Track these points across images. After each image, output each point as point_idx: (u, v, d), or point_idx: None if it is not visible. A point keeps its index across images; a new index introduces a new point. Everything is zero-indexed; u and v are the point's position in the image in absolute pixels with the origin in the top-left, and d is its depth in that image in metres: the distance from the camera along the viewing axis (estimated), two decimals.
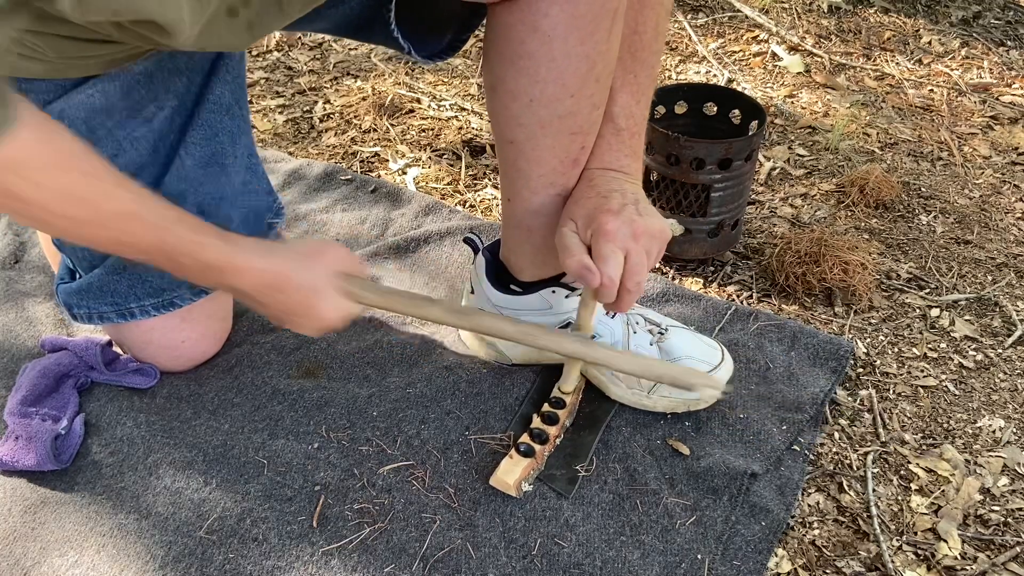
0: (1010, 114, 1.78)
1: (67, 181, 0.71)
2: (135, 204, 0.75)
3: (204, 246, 0.80)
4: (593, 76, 0.84)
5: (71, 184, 0.71)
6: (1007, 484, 1.01)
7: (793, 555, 0.92)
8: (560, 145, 0.89)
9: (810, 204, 1.50)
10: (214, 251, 0.80)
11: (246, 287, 0.83)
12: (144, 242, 0.77)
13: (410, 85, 1.88)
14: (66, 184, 0.71)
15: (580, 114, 0.87)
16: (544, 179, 0.92)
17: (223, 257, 0.81)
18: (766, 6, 2.17)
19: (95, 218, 0.73)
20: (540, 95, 0.85)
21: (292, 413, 1.04)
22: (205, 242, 0.80)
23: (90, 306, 1.04)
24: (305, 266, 0.85)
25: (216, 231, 0.82)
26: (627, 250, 0.84)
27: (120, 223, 0.75)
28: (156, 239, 0.77)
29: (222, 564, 0.87)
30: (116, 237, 0.76)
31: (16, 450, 0.97)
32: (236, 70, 1.02)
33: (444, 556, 0.89)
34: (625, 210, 0.85)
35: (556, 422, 1.00)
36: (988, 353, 1.19)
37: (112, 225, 0.75)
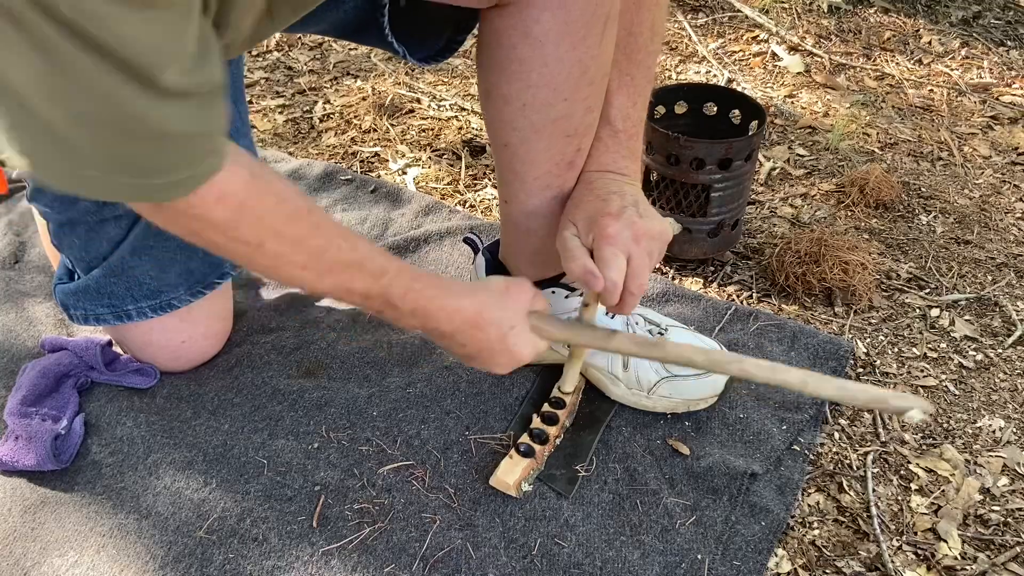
0: (1010, 114, 1.78)
1: (299, 232, 0.74)
2: (359, 254, 0.78)
3: (421, 292, 0.81)
4: (586, 80, 0.84)
5: (303, 235, 0.74)
6: (1007, 484, 1.01)
7: (793, 555, 0.92)
8: (555, 148, 0.89)
9: (810, 204, 1.50)
10: (430, 296, 0.82)
11: (452, 327, 0.84)
12: (367, 289, 0.79)
13: (410, 85, 1.88)
14: (298, 234, 0.74)
15: (574, 117, 0.87)
16: (540, 182, 0.92)
17: (435, 301, 0.83)
18: (766, 6, 2.17)
19: (323, 266, 0.76)
20: (532, 99, 0.85)
21: (292, 413, 1.04)
22: (421, 288, 0.82)
23: (87, 307, 1.04)
24: (500, 304, 0.86)
25: (425, 276, 0.84)
26: (629, 253, 0.84)
27: (347, 273, 0.78)
28: (378, 287, 0.79)
29: (222, 564, 0.87)
30: (343, 285, 0.78)
31: (16, 450, 0.97)
32: (235, 70, 1.02)
33: (444, 556, 0.89)
34: (625, 212, 0.85)
35: (556, 422, 1.00)
36: (988, 353, 1.19)
37: (340, 274, 0.77)
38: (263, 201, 0.71)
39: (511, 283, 0.89)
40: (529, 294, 0.89)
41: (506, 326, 0.85)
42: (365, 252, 0.79)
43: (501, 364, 0.89)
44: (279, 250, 0.73)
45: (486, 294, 0.86)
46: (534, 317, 0.89)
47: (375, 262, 0.79)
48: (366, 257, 0.79)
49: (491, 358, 0.88)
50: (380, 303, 0.81)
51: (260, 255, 0.73)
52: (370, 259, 0.79)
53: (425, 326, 0.85)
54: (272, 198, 0.72)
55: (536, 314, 0.89)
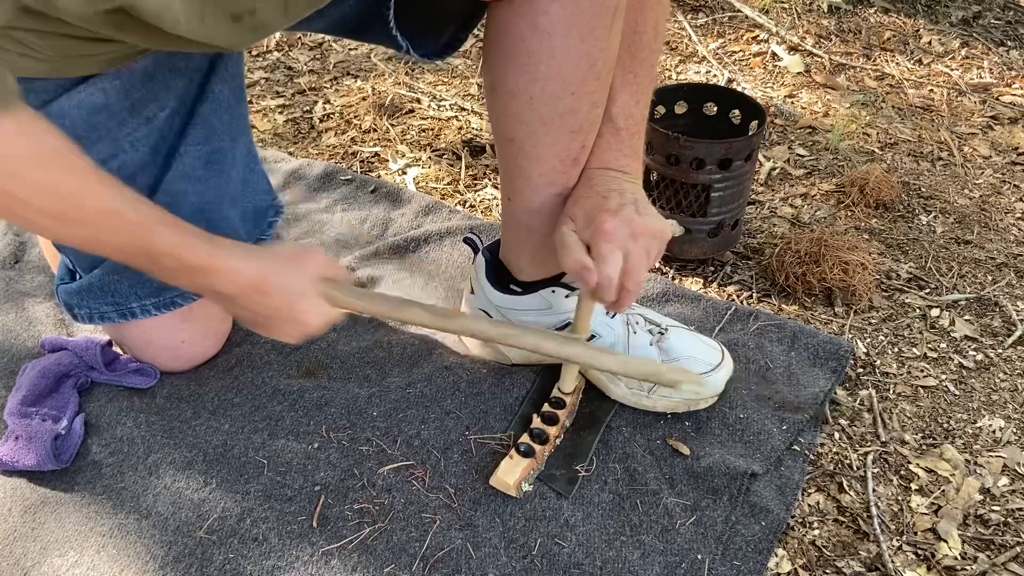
0: (1010, 114, 1.78)
1: (47, 176, 0.69)
2: (117, 202, 0.74)
3: (188, 247, 0.78)
4: (593, 73, 0.84)
5: (51, 179, 0.70)
6: (1007, 484, 1.01)
7: (793, 555, 0.92)
8: (560, 143, 0.89)
9: (810, 204, 1.50)
10: (198, 252, 0.79)
11: (228, 289, 0.82)
12: (125, 241, 0.76)
13: (410, 85, 1.88)
14: (46, 179, 0.69)
15: (580, 112, 0.87)
16: (544, 178, 0.92)
17: (207, 259, 0.79)
18: (766, 6, 2.17)
19: (76, 215, 0.72)
20: (540, 92, 0.85)
21: (292, 413, 1.04)
22: (189, 243, 0.78)
23: (91, 306, 1.04)
24: (288, 269, 0.84)
25: (200, 233, 0.80)
26: (626, 249, 0.84)
27: (101, 221, 0.73)
28: (138, 239, 0.76)
29: (222, 564, 0.87)
30: (96, 235, 0.75)
31: (16, 450, 0.97)
32: (235, 68, 1.02)
33: (444, 556, 0.89)
34: (624, 210, 0.85)
35: (556, 422, 1.00)
36: (988, 353, 1.19)
37: (93, 222, 0.73)
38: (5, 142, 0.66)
39: (301, 249, 0.88)
40: (321, 261, 0.87)
41: (294, 293, 0.83)
42: (124, 201, 0.74)
43: (289, 333, 0.86)
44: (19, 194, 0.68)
45: (271, 258, 0.84)
46: (327, 285, 0.87)
47: (138, 212, 0.75)
48: (124, 205, 0.74)
49: (278, 326, 0.86)
50: (142, 258, 0.78)
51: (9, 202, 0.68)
52: (129, 208, 0.74)
53: (202, 286, 0.82)
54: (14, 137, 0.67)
55: (329, 282, 0.87)
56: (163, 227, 0.77)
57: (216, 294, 0.83)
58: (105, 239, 0.75)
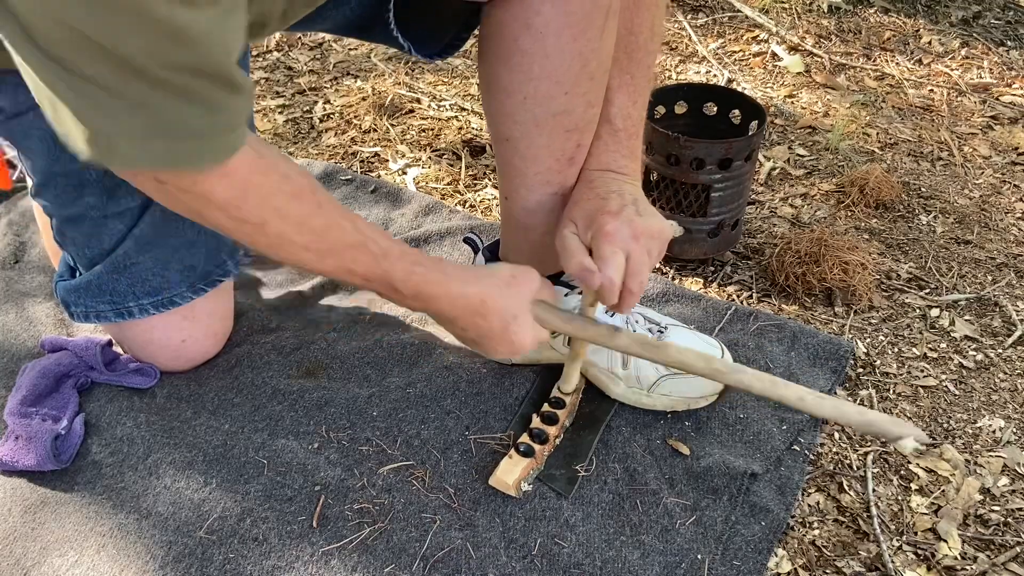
0: (1010, 114, 1.78)
1: (303, 211, 0.75)
2: (362, 236, 0.79)
3: (423, 276, 0.83)
4: (587, 73, 0.84)
5: (307, 214, 0.75)
6: (1007, 484, 1.01)
7: (793, 555, 0.92)
8: (555, 143, 0.89)
9: (810, 204, 1.50)
10: (432, 281, 0.83)
11: (451, 313, 0.86)
12: (368, 271, 0.80)
13: (410, 85, 1.88)
14: (302, 213, 0.75)
15: (575, 112, 0.87)
16: (540, 177, 0.92)
17: (441, 288, 0.84)
18: (766, 6, 2.17)
19: (327, 247, 0.77)
20: (534, 92, 0.85)
21: (292, 413, 1.04)
22: (424, 272, 0.83)
23: (88, 304, 1.04)
24: (506, 293, 0.87)
25: (428, 260, 0.85)
26: (628, 251, 0.84)
27: (349, 254, 0.79)
28: (380, 270, 0.80)
29: (222, 564, 0.87)
30: (345, 266, 0.80)
31: (16, 450, 0.97)
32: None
33: (444, 556, 0.89)
34: (624, 211, 0.85)
35: (556, 422, 1.00)
36: (988, 353, 1.19)
37: (342, 255, 0.78)
38: (267, 180, 0.71)
39: (518, 271, 0.90)
40: (535, 283, 0.90)
41: (509, 315, 0.86)
42: (368, 234, 0.80)
43: (501, 352, 0.90)
44: (282, 230, 0.74)
45: (491, 281, 0.87)
46: (539, 307, 0.89)
47: (378, 244, 0.80)
48: (368, 239, 0.79)
49: (491, 345, 0.89)
50: (381, 285, 0.82)
51: (262, 235, 0.74)
52: (373, 241, 0.80)
53: (427, 309, 0.86)
54: (276, 177, 0.72)
55: (541, 304, 0.90)
56: (401, 260, 0.81)
57: (440, 315, 0.87)
58: (352, 269, 0.80)
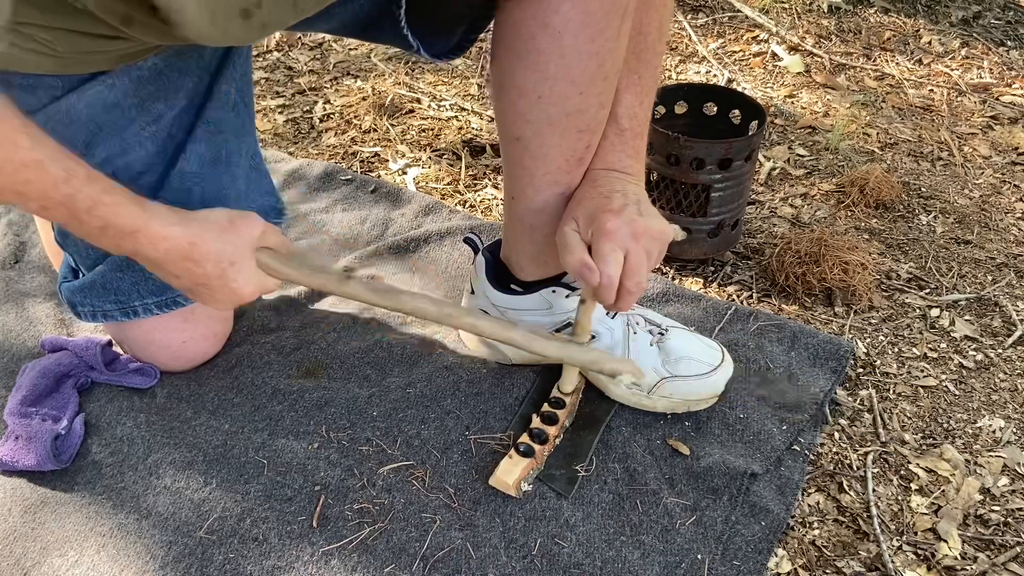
0: (1010, 114, 1.78)
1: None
2: (38, 153, 0.71)
3: (114, 207, 0.76)
4: (602, 74, 0.84)
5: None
6: (1007, 484, 1.01)
7: (793, 555, 0.92)
8: (567, 143, 0.89)
9: (810, 204, 1.50)
10: (126, 214, 0.77)
11: (156, 255, 0.80)
12: (45, 195, 0.73)
13: (410, 85, 1.88)
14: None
15: (588, 112, 0.87)
16: (549, 177, 0.92)
17: (136, 221, 0.77)
18: (766, 6, 2.17)
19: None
20: (549, 92, 0.85)
21: (292, 413, 1.04)
22: (116, 203, 0.76)
23: (94, 304, 1.04)
24: (222, 237, 0.83)
25: (128, 194, 0.78)
26: (627, 250, 0.84)
27: (19, 172, 0.71)
28: (59, 193, 0.73)
29: (222, 564, 0.87)
30: (15, 188, 0.72)
31: (16, 450, 0.97)
32: (243, 69, 1.02)
33: (444, 556, 0.89)
34: (626, 210, 0.85)
35: (556, 422, 1.00)
36: (988, 353, 1.19)
37: (10, 172, 0.70)
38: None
39: (236, 215, 0.86)
40: (257, 229, 0.86)
41: (225, 261, 0.82)
42: (50, 153, 0.72)
43: (221, 300, 0.86)
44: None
45: (203, 224, 0.82)
46: (264, 254, 0.86)
47: (60, 164, 0.72)
48: (49, 158, 0.72)
49: (209, 294, 0.85)
50: (65, 214, 0.75)
51: None
52: (54, 160, 0.72)
53: (123, 247, 0.80)
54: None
55: (266, 251, 0.86)
56: (88, 185, 0.74)
57: (142, 257, 0.81)
58: (26, 192, 0.72)
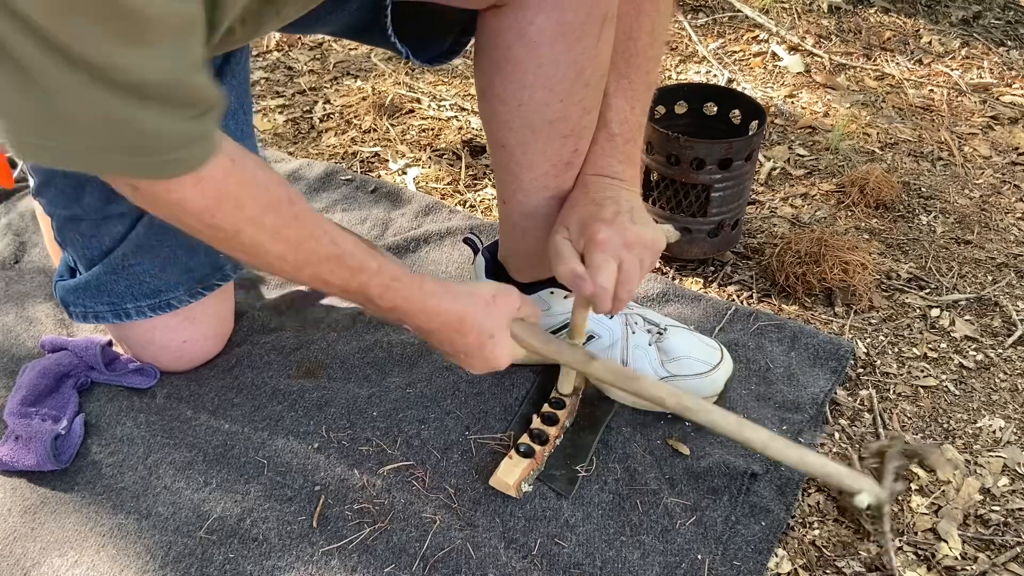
0: (1010, 114, 1.78)
1: (279, 222, 0.74)
2: (338, 248, 0.79)
3: (400, 291, 0.83)
4: (582, 81, 0.84)
5: (283, 225, 0.75)
6: (1007, 484, 1.01)
7: (793, 555, 0.92)
8: (551, 149, 0.89)
9: (810, 204, 1.50)
10: (410, 297, 0.84)
11: (429, 327, 0.86)
12: (344, 283, 0.81)
13: (410, 85, 1.88)
14: (278, 224, 0.74)
15: (570, 118, 0.87)
16: (537, 182, 0.92)
17: (419, 304, 0.84)
18: (766, 6, 2.17)
19: (301, 257, 0.77)
20: (528, 100, 0.85)
21: (292, 413, 1.04)
22: (401, 288, 0.83)
23: (86, 304, 1.04)
24: (485, 312, 0.87)
25: (410, 276, 0.85)
26: (619, 259, 0.84)
27: (325, 266, 0.79)
28: (355, 281, 0.80)
29: (222, 564, 0.87)
30: (321, 277, 0.80)
31: (16, 450, 0.97)
32: (242, 73, 1.02)
33: (444, 556, 0.89)
34: (618, 219, 0.85)
35: (556, 422, 1.00)
36: (988, 353, 1.19)
37: (318, 266, 0.79)
38: (242, 190, 0.71)
39: (499, 290, 0.91)
40: (515, 303, 0.91)
41: (486, 334, 0.87)
42: (345, 247, 0.79)
43: (476, 367, 0.91)
44: (257, 239, 0.74)
45: (470, 300, 0.87)
46: (518, 326, 0.90)
47: (355, 258, 0.80)
48: (345, 252, 0.79)
49: (468, 361, 0.90)
50: (359, 297, 0.83)
51: (237, 242, 0.74)
52: (349, 254, 0.79)
53: (405, 322, 0.87)
54: (252, 187, 0.72)
55: (521, 323, 0.91)
56: (378, 273, 0.81)
57: (416, 328, 0.88)
58: (327, 280, 0.80)
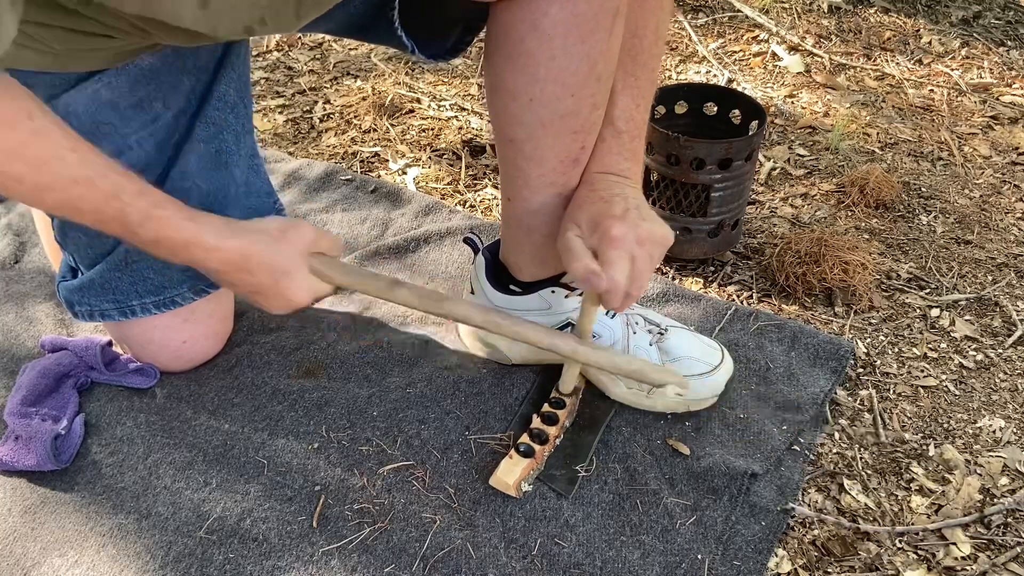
0: (1010, 114, 1.78)
1: (14, 139, 0.68)
2: (89, 170, 0.72)
3: (166, 220, 0.78)
4: (594, 75, 0.84)
5: (19, 143, 0.68)
6: (1007, 484, 1.01)
7: (793, 555, 0.92)
8: (560, 145, 0.89)
9: (810, 204, 1.50)
10: (177, 227, 0.78)
11: (210, 265, 0.82)
12: (98, 209, 0.74)
13: (410, 85, 1.88)
14: (13, 142, 0.68)
15: (581, 114, 0.87)
16: (544, 179, 0.92)
17: (187, 235, 0.79)
18: (766, 6, 2.17)
19: (43, 180, 0.71)
20: (540, 94, 0.85)
21: (292, 413, 1.04)
22: (167, 216, 0.78)
23: (91, 303, 1.04)
24: (273, 245, 0.84)
25: (179, 206, 0.79)
26: (633, 255, 0.84)
27: (71, 188, 0.72)
28: (111, 208, 0.74)
29: (222, 564, 0.87)
30: (70, 203, 0.74)
31: (16, 450, 0.97)
32: (242, 69, 1.02)
33: (444, 556, 0.89)
34: (629, 215, 0.85)
35: (556, 422, 1.00)
36: (988, 353, 1.19)
37: (61, 188, 0.72)
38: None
39: (287, 224, 0.88)
40: (308, 236, 0.88)
41: (279, 271, 0.84)
42: (97, 168, 0.73)
43: (274, 307, 0.88)
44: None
45: (255, 235, 0.84)
46: (317, 260, 0.87)
47: (109, 180, 0.74)
48: (99, 174, 0.73)
49: (265, 300, 0.87)
50: (119, 227, 0.77)
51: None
52: (103, 176, 0.73)
53: (180, 258, 0.82)
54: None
55: (319, 257, 0.88)
56: (139, 199, 0.75)
57: (199, 267, 0.83)
58: (77, 206, 0.74)
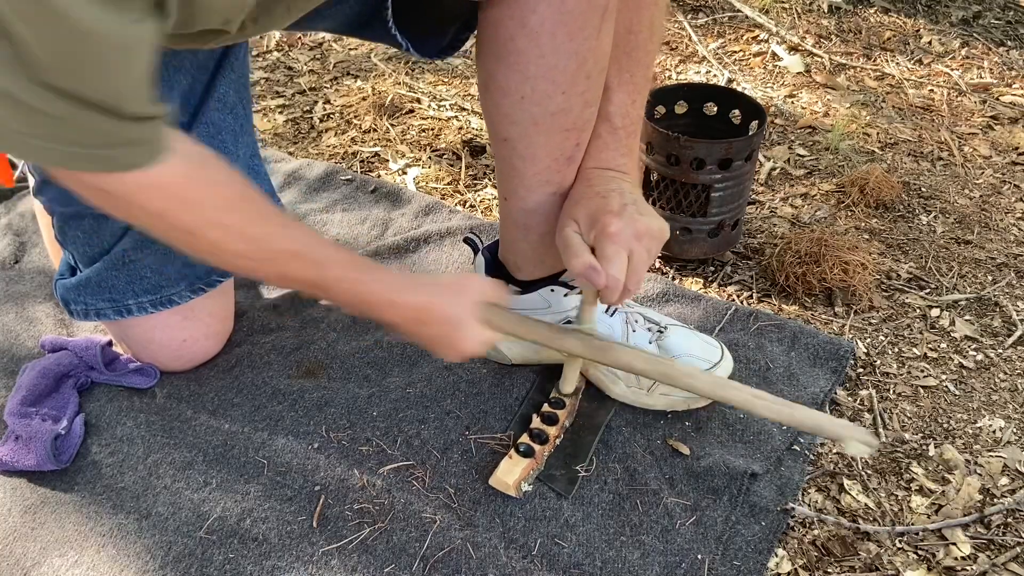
0: (1010, 114, 1.78)
1: (240, 220, 0.75)
2: (299, 244, 0.80)
3: (359, 283, 0.84)
4: (583, 73, 0.84)
5: (244, 223, 0.76)
6: (1007, 484, 1.01)
7: (793, 555, 0.92)
8: (554, 142, 0.89)
9: (810, 204, 1.50)
10: (368, 288, 0.84)
11: (394, 320, 0.87)
12: (305, 277, 0.82)
13: (410, 85, 1.88)
14: (240, 223, 0.76)
15: (572, 111, 0.87)
16: (539, 177, 0.92)
17: (376, 294, 0.85)
18: (766, 6, 2.17)
19: (263, 255, 0.78)
20: (531, 92, 0.85)
21: (292, 413, 1.04)
22: (360, 279, 0.84)
23: (87, 302, 1.04)
24: (448, 301, 0.88)
25: (369, 266, 0.87)
26: (630, 250, 0.84)
27: (285, 260, 0.80)
28: (316, 275, 0.82)
29: (222, 564, 0.87)
30: (280, 271, 0.81)
31: (16, 450, 0.97)
32: (241, 69, 1.02)
33: (444, 556, 0.89)
34: (626, 211, 0.86)
35: (556, 422, 1.00)
36: (988, 353, 1.19)
37: (278, 261, 0.80)
38: (198, 190, 0.72)
39: (462, 277, 0.92)
40: (480, 287, 0.91)
41: (453, 323, 0.87)
42: (305, 241, 0.81)
43: (449, 356, 0.91)
44: (216, 238, 0.75)
45: (433, 289, 0.88)
46: (488, 310, 0.90)
47: (314, 251, 0.81)
48: (305, 246, 0.81)
49: (438, 350, 0.91)
50: (321, 291, 0.84)
51: (197, 242, 0.75)
52: (309, 248, 0.81)
53: (369, 315, 0.88)
54: (208, 187, 0.73)
55: (490, 307, 0.90)
56: (338, 267, 0.83)
57: (383, 322, 0.88)
58: (288, 275, 0.82)
